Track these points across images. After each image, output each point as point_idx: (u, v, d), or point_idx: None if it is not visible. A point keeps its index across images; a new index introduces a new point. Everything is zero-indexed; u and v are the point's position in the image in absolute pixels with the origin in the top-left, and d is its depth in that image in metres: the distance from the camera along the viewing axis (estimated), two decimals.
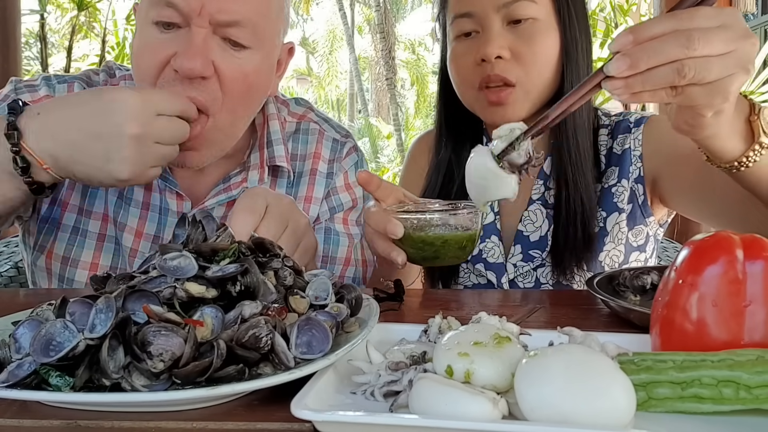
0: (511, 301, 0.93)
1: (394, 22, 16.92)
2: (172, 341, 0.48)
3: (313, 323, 0.55)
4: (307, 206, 1.11)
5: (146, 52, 0.92)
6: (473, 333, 0.51)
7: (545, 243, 1.12)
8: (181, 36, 0.90)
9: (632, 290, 0.84)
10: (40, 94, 1.05)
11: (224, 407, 0.50)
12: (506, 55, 1.05)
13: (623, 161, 1.11)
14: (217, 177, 1.07)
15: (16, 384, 0.48)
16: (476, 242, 0.85)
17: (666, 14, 0.62)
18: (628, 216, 1.11)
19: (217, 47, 0.91)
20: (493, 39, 1.05)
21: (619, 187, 1.11)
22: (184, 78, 0.89)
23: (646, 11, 5.82)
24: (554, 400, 0.43)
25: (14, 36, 3.35)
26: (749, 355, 0.48)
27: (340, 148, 1.16)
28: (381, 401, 0.51)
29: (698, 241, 0.56)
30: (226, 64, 0.91)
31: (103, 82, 1.10)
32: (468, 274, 1.18)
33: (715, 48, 0.59)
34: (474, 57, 1.08)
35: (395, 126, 15.31)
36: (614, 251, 1.11)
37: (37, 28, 7.93)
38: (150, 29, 0.91)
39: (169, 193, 1.04)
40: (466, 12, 1.08)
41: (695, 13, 0.61)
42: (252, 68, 0.94)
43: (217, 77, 0.91)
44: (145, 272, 0.59)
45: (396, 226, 0.81)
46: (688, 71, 0.59)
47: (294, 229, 0.80)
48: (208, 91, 0.91)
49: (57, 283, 1.05)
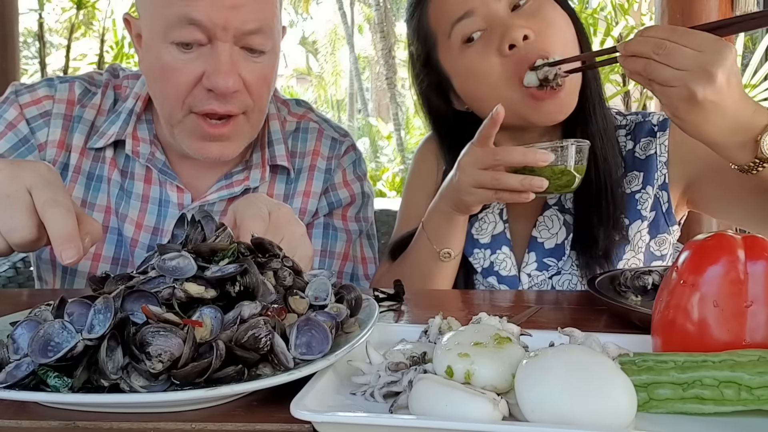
0: (511, 301, 0.93)
1: (394, 21, 16.92)
2: (171, 342, 0.48)
3: (313, 324, 0.55)
4: (306, 200, 1.13)
5: (171, 73, 0.94)
6: (473, 333, 0.51)
7: (562, 251, 1.07)
8: (205, 54, 0.93)
9: (633, 291, 0.84)
10: (39, 95, 1.06)
11: (223, 408, 0.50)
12: (531, 34, 0.96)
13: (649, 167, 1.06)
14: (218, 173, 1.10)
15: (15, 385, 0.48)
16: (582, 173, 0.92)
17: (672, 26, 0.80)
18: (651, 224, 1.07)
19: (241, 60, 0.95)
20: (512, 22, 0.97)
21: (644, 194, 1.06)
22: (218, 95, 0.94)
23: (647, 10, 5.82)
24: (555, 401, 0.42)
25: (12, 35, 3.35)
26: (751, 356, 0.47)
27: (339, 147, 1.18)
28: (381, 402, 0.51)
29: (699, 242, 0.56)
30: (252, 74, 0.96)
31: (105, 81, 1.12)
32: (477, 285, 1.13)
33: (674, 61, 0.75)
34: (498, 50, 0.98)
35: (395, 126, 15.31)
36: (633, 260, 1.06)
37: (35, 27, 7.92)
38: (169, 49, 0.93)
39: (169, 186, 1.07)
40: (465, 12, 0.99)
41: (687, 33, 0.76)
42: (270, 69, 1.00)
43: (245, 87, 0.96)
44: (144, 272, 0.59)
45: (546, 154, 0.85)
46: (649, 68, 0.77)
47: (289, 239, 0.81)
48: (240, 101, 0.96)
49: (61, 274, 1.06)
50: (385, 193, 11.61)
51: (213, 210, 1.08)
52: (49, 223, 0.68)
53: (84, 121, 1.07)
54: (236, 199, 1.08)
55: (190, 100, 0.95)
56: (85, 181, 1.06)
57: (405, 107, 15.73)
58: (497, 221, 1.11)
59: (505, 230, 1.11)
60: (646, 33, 0.78)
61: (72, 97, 1.08)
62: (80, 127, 1.07)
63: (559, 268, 1.07)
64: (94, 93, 1.10)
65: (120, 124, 1.06)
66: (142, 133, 1.07)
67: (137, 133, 1.07)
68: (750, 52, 5.00)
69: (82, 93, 1.09)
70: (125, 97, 1.09)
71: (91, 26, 8.71)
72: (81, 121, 1.07)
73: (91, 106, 1.08)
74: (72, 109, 1.07)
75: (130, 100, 1.08)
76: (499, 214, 1.11)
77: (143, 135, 1.07)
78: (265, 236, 0.74)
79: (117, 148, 1.07)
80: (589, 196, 1.03)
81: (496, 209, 1.11)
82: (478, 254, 1.11)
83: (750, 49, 5.21)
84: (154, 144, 1.07)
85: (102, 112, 1.09)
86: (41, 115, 1.06)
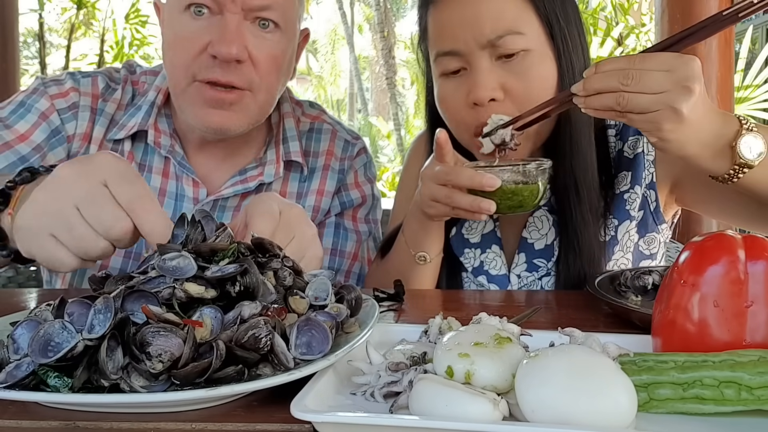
0: (511, 301, 0.93)
1: (394, 21, 16.91)
2: (171, 342, 0.48)
3: (313, 324, 0.54)
4: (319, 199, 1.15)
5: (181, 41, 0.98)
6: (474, 333, 0.51)
7: (551, 252, 1.07)
8: (214, 23, 0.96)
9: (633, 291, 0.84)
10: (66, 87, 1.09)
11: (223, 408, 0.50)
12: (500, 96, 0.96)
13: (636, 166, 1.06)
14: (234, 169, 1.12)
15: (15, 385, 0.48)
16: (540, 196, 0.91)
17: (626, 56, 0.80)
18: (639, 223, 1.07)
19: (249, 33, 0.97)
20: (484, 80, 0.95)
21: (632, 194, 1.06)
22: (222, 62, 0.95)
23: (647, 10, 5.82)
24: (555, 401, 0.42)
25: (12, 35, 3.34)
26: (751, 356, 0.47)
27: (351, 148, 1.21)
28: (381, 402, 0.50)
29: (699, 242, 0.56)
30: (259, 48, 0.98)
31: (124, 77, 1.14)
32: (468, 284, 1.13)
33: (647, 86, 0.74)
34: (465, 99, 0.98)
35: (395, 125, 15.30)
36: (622, 259, 1.06)
37: (35, 27, 7.92)
38: (182, 17, 0.97)
39: (185, 180, 1.08)
40: (450, 50, 0.98)
41: (647, 57, 0.75)
42: (280, 51, 1.01)
43: (251, 61, 0.97)
44: (144, 272, 0.59)
45: (493, 179, 0.86)
46: (622, 101, 0.75)
47: (300, 239, 0.81)
48: (244, 74, 0.97)
49: None
50: (385, 194, 11.62)
51: (227, 205, 1.10)
52: (140, 220, 0.66)
53: (105, 115, 1.10)
54: (250, 194, 1.10)
55: (195, 67, 0.97)
56: None
57: (405, 107, 15.73)
58: (487, 220, 1.12)
59: (495, 229, 1.12)
60: (603, 68, 0.77)
61: (96, 92, 1.10)
62: (101, 120, 1.09)
63: (549, 269, 1.07)
64: (114, 88, 1.12)
65: (142, 115, 1.08)
66: (162, 126, 1.09)
67: (158, 125, 1.09)
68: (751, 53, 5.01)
69: (104, 87, 1.11)
70: (144, 92, 1.12)
71: (91, 26, 8.72)
72: (103, 114, 1.09)
73: (112, 100, 1.11)
74: (96, 103, 1.10)
75: (151, 93, 1.10)
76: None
77: (163, 127, 1.09)
78: (274, 235, 0.74)
79: (135, 141, 1.09)
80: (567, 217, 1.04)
81: None
82: (469, 254, 1.12)
83: (751, 50, 5.22)
84: (174, 137, 1.09)
85: (121, 107, 1.11)
86: (69, 108, 1.08)
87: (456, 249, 1.11)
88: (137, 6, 7.88)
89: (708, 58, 2.46)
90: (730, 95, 2.57)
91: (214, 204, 1.09)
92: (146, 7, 8.02)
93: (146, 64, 1.14)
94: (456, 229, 1.12)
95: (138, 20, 7.99)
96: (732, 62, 2.59)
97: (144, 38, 8.10)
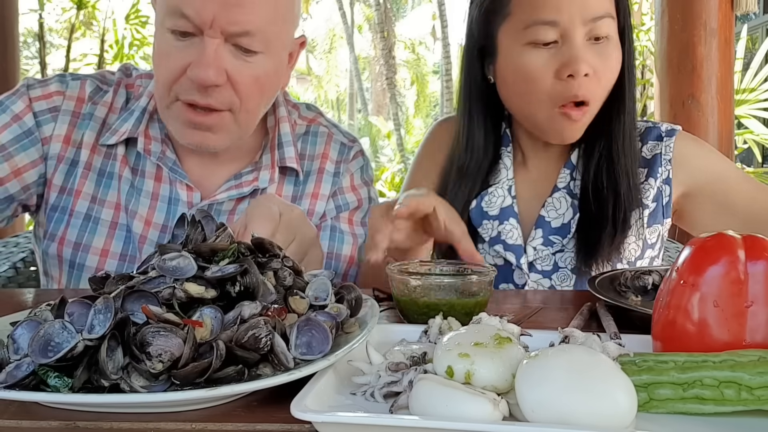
0: (511, 301, 0.93)
1: (394, 21, 16.91)
2: (171, 342, 0.48)
3: (313, 324, 0.55)
4: (314, 202, 1.14)
5: (164, 59, 0.97)
6: (474, 334, 0.51)
7: (567, 230, 1.11)
8: (195, 45, 0.95)
9: (633, 291, 0.84)
10: (51, 90, 1.08)
11: (223, 408, 0.50)
12: (591, 73, 0.99)
13: (653, 164, 1.11)
14: (228, 173, 1.11)
15: (15, 385, 0.48)
16: (485, 307, 0.76)
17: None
18: (651, 213, 1.11)
19: (229, 55, 0.95)
20: (583, 54, 0.99)
21: (646, 185, 1.11)
22: (199, 86, 0.94)
23: (647, 10, 5.82)
24: (555, 401, 0.42)
25: (12, 35, 3.34)
26: (751, 356, 0.47)
27: (347, 151, 1.20)
28: (381, 402, 0.50)
29: (699, 242, 0.56)
30: (238, 71, 0.96)
31: (118, 80, 1.14)
32: (484, 255, 1.15)
33: None
34: (556, 70, 1.00)
35: (395, 125, 15.30)
36: (633, 245, 1.10)
37: (35, 27, 7.92)
38: (166, 36, 0.96)
39: (179, 185, 1.08)
40: (552, 20, 0.99)
41: None
42: (263, 71, 0.99)
43: (231, 84, 0.96)
44: (144, 272, 0.59)
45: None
46: None
47: (301, 241, 0.81)
48: (223, 97, 0.96)
49: (68, 269, 1.07)
50: (385, 194, 11.61)
51: (221, 209, 1.09)
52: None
53: (95, 119, 1.09)
54: (245, 199, 1.10)
55: (177, 88, 0.97)
56: (95, 177, 1.08)
57: (405, 107, 15.72)
58: (506, 195, 1.14)
59: (513, 204, 1.14)
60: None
61: (82, 95, 1.09)
62: (91, 124, 1.08)
63: (563, 245, 1.11)
64: (106, 91, 1.11)
65: (133, 122, 1.07)
66: (154, 132, 1.09)
67: (149, 131, 1.08)
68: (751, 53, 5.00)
69: (93, 91, 1.10)
70: (138, 96, 1.11)
71: (91, 26, 8.73)
72: (92, 119, 1.09)
73: (102, 103, 1.10)
74: (81, 107, 1.09)
75: (143, 99, 1.10)
76: (508, 190, 1.15)
77: (155, 134, 1.09)
78: (274, 237, 0.74)
79: (128, 145, 1.09)
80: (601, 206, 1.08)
81: (506, 185, 1.15)
82: (487, 225, 1.14)
83: (750, 50, 5.21)
84: (165, 143, 1.09)
85: (114, 110, 1.10)
86: (50, 110, 1.07)
87: (475, 221, 1.14)
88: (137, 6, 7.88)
89: (708, 58, 2.45)
90: (730, 95, 2.56)
91: (209, 208, 1.08)
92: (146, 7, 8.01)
93: (146, 64, 1.14)
94: (476, 202, 1.14)
95: (138, 20, 7.98)
96: (732, 62, 2.58)
97: (144, 38, 8.10)
